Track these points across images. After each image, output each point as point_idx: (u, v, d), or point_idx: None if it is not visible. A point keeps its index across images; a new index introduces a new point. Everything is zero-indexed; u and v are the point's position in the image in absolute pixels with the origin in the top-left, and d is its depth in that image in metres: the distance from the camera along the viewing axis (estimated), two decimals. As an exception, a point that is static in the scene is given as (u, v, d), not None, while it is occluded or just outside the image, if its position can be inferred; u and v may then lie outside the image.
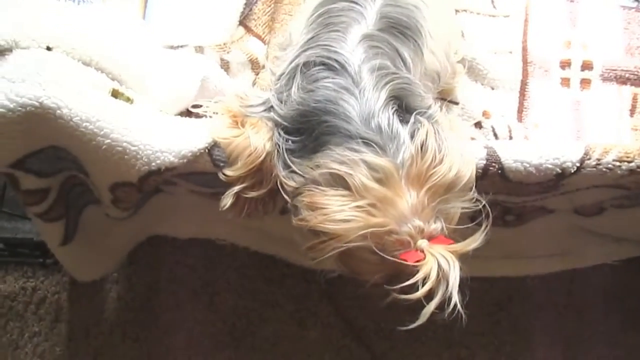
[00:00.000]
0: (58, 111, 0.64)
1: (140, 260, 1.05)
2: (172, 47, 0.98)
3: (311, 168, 0.63)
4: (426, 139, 0.62)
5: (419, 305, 0.56)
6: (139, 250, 1.04)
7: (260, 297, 1.03)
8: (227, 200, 0.71)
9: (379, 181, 0.59)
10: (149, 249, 1.05)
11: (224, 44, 1.03)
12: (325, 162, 0.62)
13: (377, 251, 0.58)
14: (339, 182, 0.61)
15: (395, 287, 0.57)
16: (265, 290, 1.04)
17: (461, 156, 0.64)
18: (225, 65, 1.02)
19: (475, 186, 0.74)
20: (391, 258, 0.58)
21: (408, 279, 0.56)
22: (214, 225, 0.99)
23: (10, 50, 0.64)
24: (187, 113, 0.90)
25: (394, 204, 0.59)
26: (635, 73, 1.02)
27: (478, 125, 1.01)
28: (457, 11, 1.07)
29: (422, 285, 0.55)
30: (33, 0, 0.69)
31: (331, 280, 1.00)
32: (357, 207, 0.59)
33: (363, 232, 0.58)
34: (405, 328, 0.56)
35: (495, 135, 1.00)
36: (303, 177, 0.64)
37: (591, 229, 0.96)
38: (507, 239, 0.94)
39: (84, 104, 0.66)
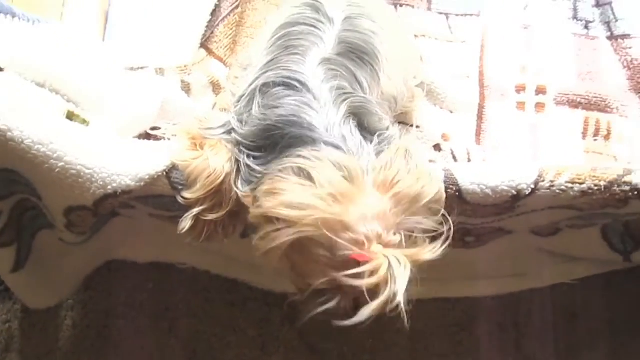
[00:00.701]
0: (9, 133, 0.63)
1: (97, 286, 1.02)
2: (132, 69, 0.98)
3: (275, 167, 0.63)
4: (395, 157, 0.62)
5: (380, 328, 0.55)
6: (96, 275, 1.01)
7: (222, 322, 1.01)
8: (186, 223, 0.70)
9: (344, 178, 0.59)
10: (106, 274, 1.02)
11: (185, 66, 1.03)
12: (290, 159, 0.62)
13: (328, 248, 0.57)
14: (303, 174, 0.60)
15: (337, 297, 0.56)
16: (226, 314, 1.02)
17: (429, 175, 0.64)
18: (186, 87, 1.02)
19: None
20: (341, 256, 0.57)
21: (353, 291, 0.55)
22: (174, 249, 0.98)
23: (-40, 70, 0.63)
24: (146, 135, 0.89)
25: (355, 202, 0.58)
26: (587, 97, 1.06)
27: (437, 147, 1.03)
28: (416, 36, 1.10)
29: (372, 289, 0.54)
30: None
31: (293, 304, 1.00)
32: (316, 194, 0.57)
33: (319, 218, 0.56)
34: (342, 323, 0.54)
35: (455, 157, 1.02)
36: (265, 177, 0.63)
37: (548, 249, 0.98)
38: (468, 260, 0.96)
39: (36, 126, 0.64)
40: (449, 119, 1.05)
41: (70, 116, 0.71)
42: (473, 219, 0.80)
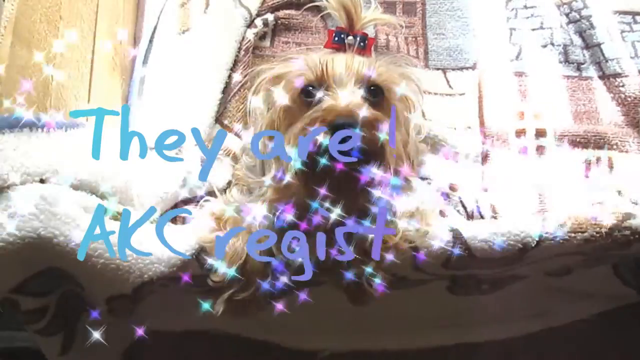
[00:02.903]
0: (55, 240, 0.69)
1: (135, 357, 1.07)
2: (152, 149, 1.04)
3: None
4: None
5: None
6: (135, 347, 1.06)
7: (256, 383, 1.06)
8: (220, 307, 0.75)
9: None
10: (144, 345, 1.06)
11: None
12: None
13: None
14: None
15: None
16: (259, 375, 1.06)
17: None
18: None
19: (447, 265, 0.80)
20: None
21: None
22: (207, 317, 1.03)
23: (8, 187, 0.70)
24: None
25: None
26: (585, 137, 1.09)
27: (447, 197, 1.07)
28: (417, 93, 1.15)
29: None
30: (21, 137, 0.74)
31: (325, 360, 1.04)
32: None
33: None
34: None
35: (464, 206, 1.05)
36: None
37: (563, 288, 1.01)
38: (486, 305, 0.99)
39: (78, 229, 0.71)
40: (455, 169, 1.09)
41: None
42: (484, 270, 0.85)
